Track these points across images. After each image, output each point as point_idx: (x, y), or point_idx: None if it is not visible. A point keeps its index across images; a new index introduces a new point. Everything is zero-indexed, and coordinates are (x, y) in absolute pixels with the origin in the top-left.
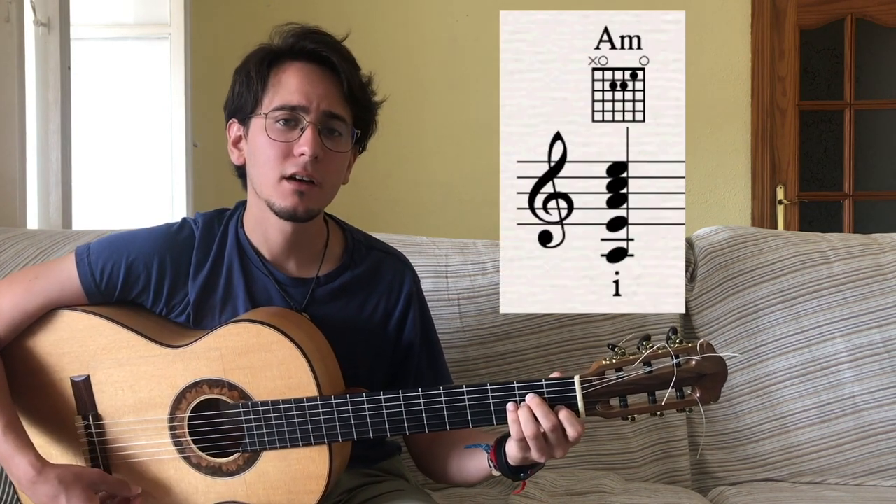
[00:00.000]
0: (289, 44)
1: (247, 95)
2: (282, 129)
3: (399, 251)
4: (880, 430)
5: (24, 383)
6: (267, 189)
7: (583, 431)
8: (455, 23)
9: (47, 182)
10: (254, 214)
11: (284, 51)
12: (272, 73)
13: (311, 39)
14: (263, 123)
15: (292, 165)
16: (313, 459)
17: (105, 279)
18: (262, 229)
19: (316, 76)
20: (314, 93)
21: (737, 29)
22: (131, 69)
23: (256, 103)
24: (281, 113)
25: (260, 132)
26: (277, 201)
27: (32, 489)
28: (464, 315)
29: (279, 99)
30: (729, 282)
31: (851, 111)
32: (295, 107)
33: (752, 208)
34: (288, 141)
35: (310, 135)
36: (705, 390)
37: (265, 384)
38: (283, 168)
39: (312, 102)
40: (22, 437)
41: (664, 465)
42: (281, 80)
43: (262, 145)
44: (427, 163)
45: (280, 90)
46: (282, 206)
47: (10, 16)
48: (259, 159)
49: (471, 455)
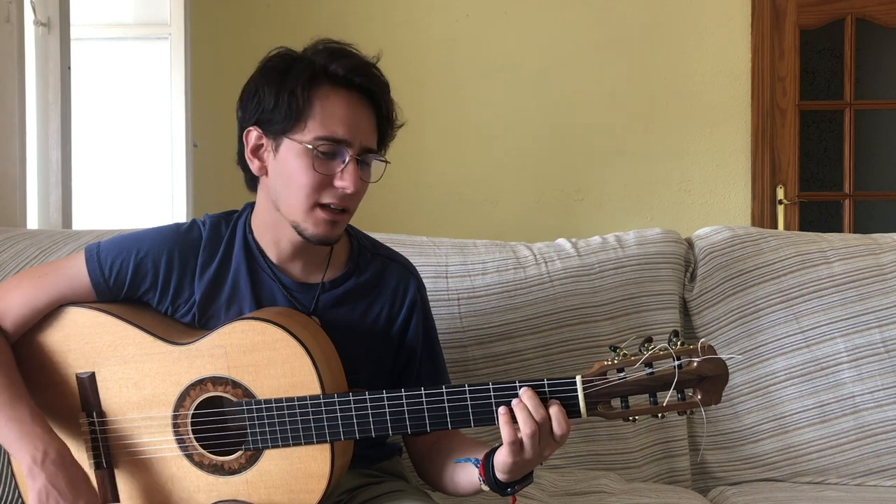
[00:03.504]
0: (338, 72)
1: (286, 112)
2: (323, 160)
3: (405, 258)
4: (880, 430)
5: (30, 379)
6: (296, 213)
7: (568, 431)
8: (455, 23)
9: (47, 182)
10: (263, 219)
11: (332, 76)
12: (316, 98)
13: (360, 73)
14: (305, 150)
15: (330, 196)
16: (315, 459)
17: (114, 276)
18: (271, 234)
19: (360, 109)
20: (359, 127)
21: (737, 29)
22: (131, 69)
23: (296, 126)
24: (325, 145)
25: (299, 157)
26: (310, 228)
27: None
28: (464, 315)
29: (325, 129)
30: (729, 282)
31: (851, 111)
32: (339, 139)
33: (752, 208)
34: (329, 173)
35: (352, 170)
36: (706, 392)
37: (269, 382)
38: (319, 197)
39: (356, 137)
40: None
41: (664, 465)
42: (325, 107)
43: (300, 170)
44: (427, 163)
45: (326, 119)
46: (314, 232)
47: (10, 16)
48: (293, 183)
49: (462, 468)
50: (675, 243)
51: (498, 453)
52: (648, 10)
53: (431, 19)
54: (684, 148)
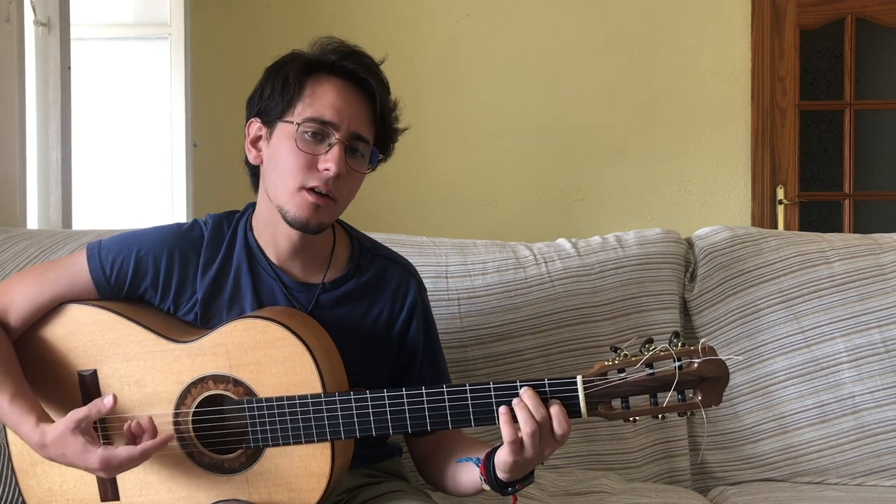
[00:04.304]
0: (331, 59)
1: (279, 99)
2: (310, 141)
3: (405, 259)
4: (880, 430)
5: (32, 376)
6: (283, 196)
7: (569, 431)
8: (455, 23)
9: (47, 182)
10: (263, 217)
11: (325, 64)
12: (309, 83)
13: (353, 60)
14: (293, 131)
15: (314, 178)
16: (315, 457)
17: (115, 273)
18: (270, 232)
19: (351, 96)
20: (347, 112)
21: (737, 29)
22: (131, 69)
23: (287, 109)
24: (312, 125)
25: (287, 139)
26: (292, 210)
27: (44, 452)
28: (464, 315)
29: (312, 111)
30: (729, 282)
31: (851, 111)
32: (327, 122)
33: (752, 208)
34: (314, 154)
35: (337, 152)
36: (707, 394)
37: (270, 380)
38: (304, 179)
39: (344, 121)
40: (26, 407)
41: (664, 465)
42: (317, 92)
43: (287, 153)
44: (427, 163)
45: (315, 102)
46: (295, 215)
47: (10, 16)
48: (281, 165)
49: (463, 468)
50: (675, 243)
51: (499, 453)
52: (648, 10)
53: (432, 19)
54: (684, 148)
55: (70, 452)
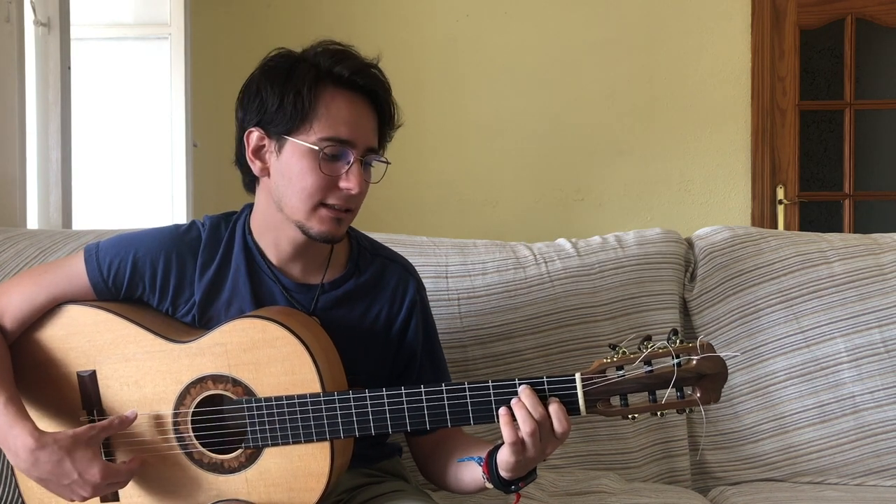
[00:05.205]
0: (343, 74)
1: (291, 113)
2: (329, 162)
3: (405, 259)
4: (880, 430)
5: (31, 377)
6: (301, 213)
7: (569, 428)
8: (455, 23)
9: (47, 182)
10: (263, 220)
11: (337, 78)
12: (322, 99)
13: (364, 75)
14: (310, 151)
15: (334, 197)
16: (315, 457)
17: (112, 276)
18: (271, 235)
19: (364, 110)
20: (362, 129)
21: (737, 29)
22: (131, 69)
23: (301, 126)
24: (330, 146)
25: (303, 157)
26: (315, 226)
27: (33, 458)
28: (464, 315)
29: (330, 130)
30: (729, 282)
31: (851, 111)
32: (343, 140)
33: (752, 208)
34: (334, 175)
35: (357, 172)
36: (706, 391)
37: (269, 380)
38: (323, 198)
39: (359, 138)
40: (21, 410)
41: (664, 465)
42: (331, 109)
43: (304, 171)
44: (427, 162)
45: (330, 120)
46: (320, 231)
47: (10, 16)
48: (297, 184)
49: (465, 467)
50: (675, 243)
51: (500, 452)
52: (648, 10)
53: (432, 19)
54: (684, 148)
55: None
